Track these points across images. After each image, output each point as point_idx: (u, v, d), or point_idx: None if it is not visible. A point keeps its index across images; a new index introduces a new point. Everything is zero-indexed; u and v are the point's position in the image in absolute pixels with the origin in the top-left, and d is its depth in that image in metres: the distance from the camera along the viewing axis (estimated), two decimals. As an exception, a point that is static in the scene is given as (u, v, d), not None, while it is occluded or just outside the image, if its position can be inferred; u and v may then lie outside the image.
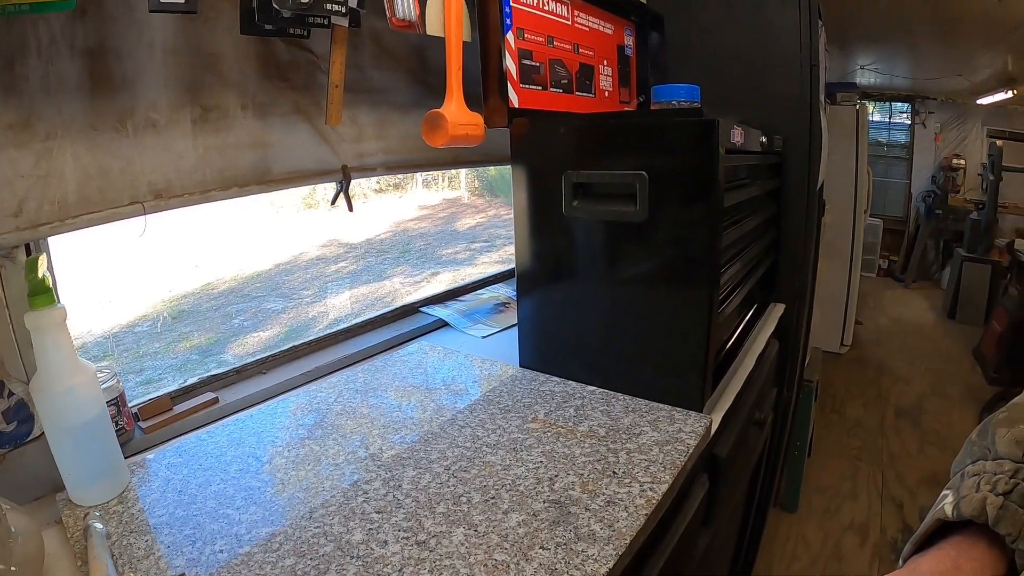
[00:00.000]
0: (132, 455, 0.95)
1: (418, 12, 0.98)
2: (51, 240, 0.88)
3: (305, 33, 1.01)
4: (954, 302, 5.40)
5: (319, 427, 1.03)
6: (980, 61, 4.92)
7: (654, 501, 0.79)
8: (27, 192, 0.79)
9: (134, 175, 0.92)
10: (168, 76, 0.94)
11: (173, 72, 0.95)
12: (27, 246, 0.84)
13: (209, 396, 1.11)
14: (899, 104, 7.19)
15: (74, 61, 0.83)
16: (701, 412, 1.03)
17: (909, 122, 7.15)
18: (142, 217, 0.93)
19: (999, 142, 5.84)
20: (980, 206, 5.83)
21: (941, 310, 5.65)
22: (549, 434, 0.97)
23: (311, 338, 1.37)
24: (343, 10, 0.90)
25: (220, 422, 1.07)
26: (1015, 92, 5.46)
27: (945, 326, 5.28)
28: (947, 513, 0.47)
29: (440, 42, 1.03)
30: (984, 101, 6.20)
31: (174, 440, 1.01)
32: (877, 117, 7.29)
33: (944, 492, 0.50)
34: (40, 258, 0.77)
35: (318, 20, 0.93)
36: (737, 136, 1.10)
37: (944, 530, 0.48)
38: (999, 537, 0.44)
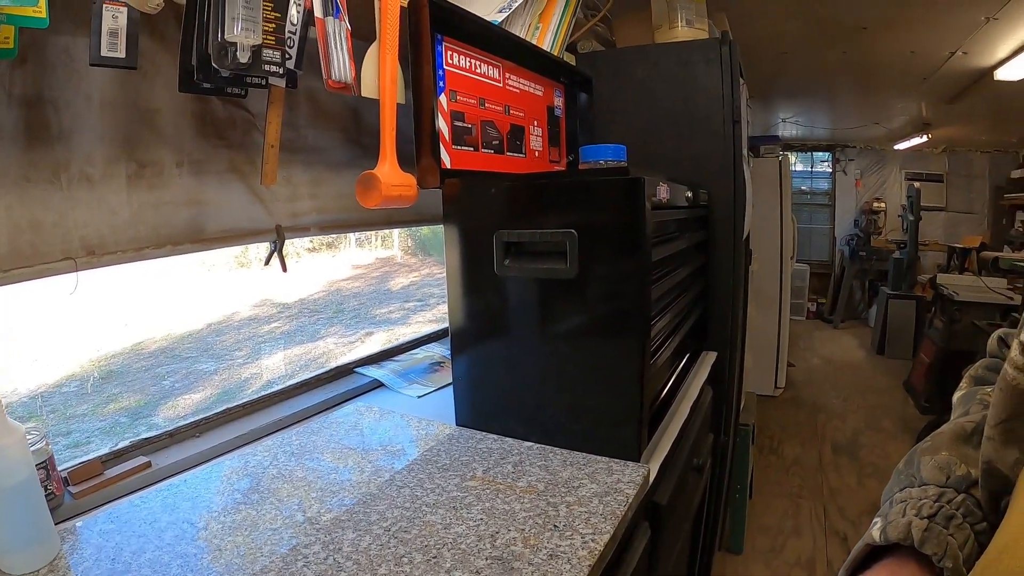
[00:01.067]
0: (62, 521, 0.91)
1: (354, 74, 1.00)
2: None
3: (243, 92, 1.01)
4: (882, 338, 5.63)
5: (255, 491, 1.00)
6: (896, 109, 5.26)
7: (596, 552, 0.80)
8: (-42, 244, 0.77)
9: (67, 230, 0.90)
10: (105, 130, 0.94)
11: (110, 126, 0.94)
12: (-46, 302, 0.82)
13: (142, 460, 1.07)
14: (820, 153, 7.58)
15: (11, 110, 0.82)
16: (639, 462, 1.05)
17: (830, 170, 7.53)
18: (74, 274, 0.91)
19: (916, 184, 6.26)
20: (902, 245, 6.16)
21: (870, 347, 5.88)
22: (488, 491, 0.97)
23: (245, 400, 1.33)
24: (280, 71, 0.92)
25: (153, 487, 1.03)
26: (929, 136, 5.86)
27: (875, 362, 5.49)
28: (875, 538, 0.50)
29: (374, 103, 1.04)
30: (901, 146, 6.62)
31: (106, 506, 0.97)
32: (799, 167, 7.65)
33: (875, 519, 0.53)
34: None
35: (256, 80, 0.93)
36: (663, 192, 1.15)
37: (877, 555, 0.51)
38: (927, 558, 0.46)
